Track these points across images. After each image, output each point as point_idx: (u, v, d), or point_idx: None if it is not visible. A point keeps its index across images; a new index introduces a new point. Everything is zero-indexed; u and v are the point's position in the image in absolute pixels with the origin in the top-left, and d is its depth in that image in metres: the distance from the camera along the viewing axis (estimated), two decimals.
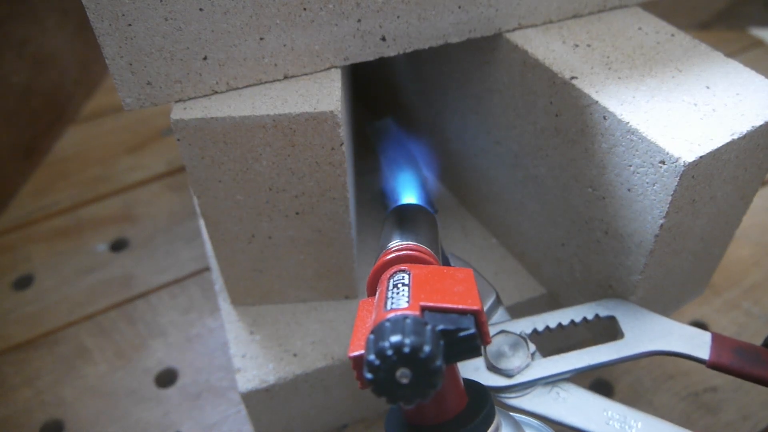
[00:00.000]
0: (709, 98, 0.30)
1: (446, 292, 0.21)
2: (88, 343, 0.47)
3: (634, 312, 0.32)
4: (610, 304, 0.33)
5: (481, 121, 0.40)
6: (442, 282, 0.22)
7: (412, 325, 0.19)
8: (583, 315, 0.33)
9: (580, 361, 0.31)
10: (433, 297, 0.21)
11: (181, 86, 0.31)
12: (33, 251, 0.55)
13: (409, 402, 0.18)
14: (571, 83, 0.31)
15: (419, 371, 0.18)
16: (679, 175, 0.27)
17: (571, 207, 0.35)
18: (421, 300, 0.21)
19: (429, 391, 0.18)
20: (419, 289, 0.22)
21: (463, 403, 0.22)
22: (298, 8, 0.30)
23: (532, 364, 0.31)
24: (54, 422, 0.43)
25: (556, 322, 0.32)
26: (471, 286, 0.22)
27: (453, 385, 0.22)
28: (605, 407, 0.29)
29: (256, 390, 0.36)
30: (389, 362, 0.18)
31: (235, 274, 0.38)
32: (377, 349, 0.18)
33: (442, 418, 0.22)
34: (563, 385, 0.31)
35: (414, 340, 0.18)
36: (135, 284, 0.52)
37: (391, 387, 0.18)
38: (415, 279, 0.23)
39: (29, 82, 0.63)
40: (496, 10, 0.34)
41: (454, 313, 0.20)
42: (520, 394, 0.30)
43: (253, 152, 0.31)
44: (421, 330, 0.18)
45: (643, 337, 0.31)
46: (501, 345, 0.32)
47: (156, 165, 0.64)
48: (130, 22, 0.29)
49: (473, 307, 0.20)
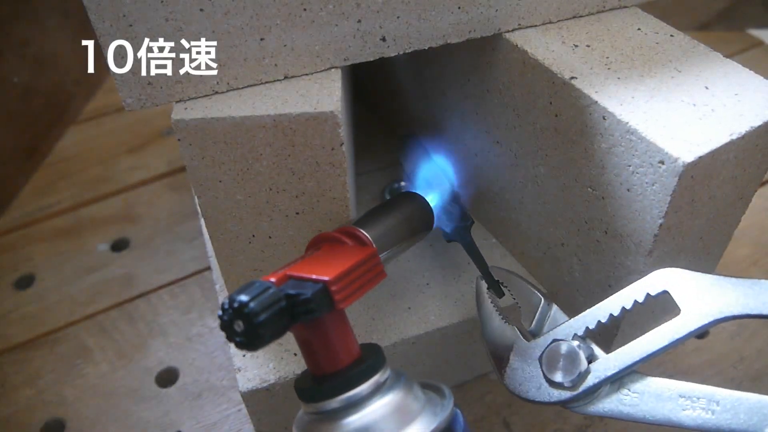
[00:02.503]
0: (708, 99, 0.30)
1: (323, 265, 0.26)
2: (89, 343, 0.47)
3: (688, 279, 0.28)
4: (659, 278, 0.29)
5: (480, 121, 0.40)
6: (330, 258, 0.27)
7: (255, 287, 0.23)
8: (633, 299, 0.29)
9: (642, 350, 0.28)
10: (305, 269, 0.25)
11: (182, 86, 0.31)
12: (34, 251, 0.55)
13: (243, 347, 0.23)
14: (570, 83, 0.31)
15: (246, 323, 0.23)
16: (678, 175, 0.27)
17: (570, 207, 0.35)
18: (293, 270, 0.25)
19: (256, 341, 0.23)
20: (306, 262, 0.27)
21: (353, 358, 0.26)
22: (299, 9, 0.30)
23: (592, 367, 0.29)
24: (55, 421, 0.43)
25: (607, 315, 0.30)
26: (347, 263, 0.26)
27: (338, 339, 0.26)
28: (680, 392, 0.27)
29: (257, 389, 0.36)
30: (228, 312, 0.23)
31: (236, 274, 0.38)
32: (224, 300, 0.23)
33: (333, 368, 0.26)
34: (630, 379, 0.29)
35: (243, 298, 0.23)
36: (136, 284, 0.52)
37: (231, 331, 0.23)
38: (314, 255, 0.28)
39: (30, 82, 0.63)
40: (496, 11, 0.34)
41: (308, 281, 0.25)
42: (587, 401, 0.29)
43: (254, 152, 0.32)
44: (259, 292, 0.23)
45: (704, 305, 0.27)
46: (555, 356, 0.30)
47: (157, 165, 0.64)
48: (131, 23, 0.29)
49: (323, 278, 0.24)
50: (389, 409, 0.25)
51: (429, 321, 0.39)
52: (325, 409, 0.25)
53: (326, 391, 0.25)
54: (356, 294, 0.26)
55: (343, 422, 0.25)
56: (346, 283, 0.25)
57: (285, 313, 0.24)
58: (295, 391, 0.27)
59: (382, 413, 0.25)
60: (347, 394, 0.25)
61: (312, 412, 0.26)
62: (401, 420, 0.25)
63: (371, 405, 0.25)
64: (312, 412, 0.26)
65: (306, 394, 0.26)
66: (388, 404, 0.25)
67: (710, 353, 0.45)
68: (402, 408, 0.26)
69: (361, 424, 0.25)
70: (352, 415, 0.25)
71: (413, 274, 0.42)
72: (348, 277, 0.25)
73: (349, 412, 0.25)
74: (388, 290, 0.41)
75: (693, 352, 0.45)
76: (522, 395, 0.30)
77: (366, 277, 0.27)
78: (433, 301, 0.40)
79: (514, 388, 0.30)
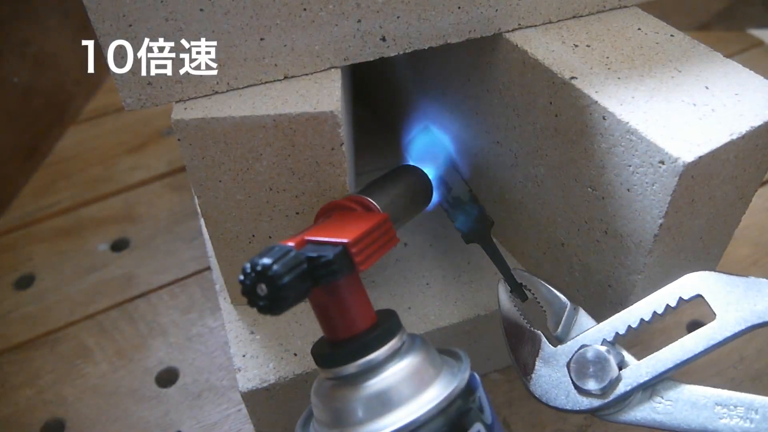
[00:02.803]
0: (708, 98, 0.30)
1: (339, 229, 0.26)
2: (89, 343, 0.47)
3: (723, 282, 0.27)
4: (692, 281, 0.28)
5: (480, 121, 0.40)
6: (345, 223, 0.27)
7: (276, 251, 0.23)
8: (665, 303, 0.28)
9: (675, 356, 0.27)
10: (322, 233, 0.26)
11: (182, 86, 0.31)
12: (34, 251, 0.55)
13: (266, 311, 0.23)
14: (570, 83, 0.31)
15: (270, 286, 0.22)
16: (678, 175, 0.27)
17: (570, 207, 0.35)
18: (311, 235, 0.26)
19: (280, 303, 0.22)
20: (320, 228, 0.27)
21: (369, 323, 0.26)
22: (298, 9, 0.30)
23: (622, 374, 0.28)
24: (55, 421, 0.43)
25: (638, 319, 0.29)
26: (363, 226, 0.26)
27: (355, 304, 0.26)
28: (716, 400, 0.26)
29: (257, 389, 0.36)
30: (250, 276, 0.23)
31: (236, 274, 0.38)
32: (245, 264, 0.23)
33: (349, 333, 0.26)
34: (663, 386, 0.28)
35: (266, 261, 0.23)
36: (136, 284, 0.52)
37: (254, 296, 0.23)
38: (328, 221, 0.29)
39: (30, 82, 0.63)
40: (496, 11, 0.34)
41: (327, 244, 0.25)
42: (618, 409, 0.28)
43: (254, 152, 0.32)
44: (281, 255, 0.23)
45: (740, 310, 0.27)
46: (583, 362, 0.29)
47: (156, 165, 0.64)
48: (131, 23, 0.29)
49: (343, 240, 0.25)
50: (407, 372, 0.26)
51: (429, 321, 0.39)
52: (343, 374, 0.25)
53: (344, 355, 0.25)
54: (374, 256, 0.26)
55: (361, 386, 0.25)
56: (364, 245, 0.25)
57: (307, 275, 0.24)
58: (313, 357, 0.27)
59: (401, 377, 0.25)
60: (365, 358, 0.25)
61: (330, 377, 0.26)
62: (419, 383, 0.25)
63: (389, 369, 0.25)
64: (330, 378, 0.26)
65: (323, 360, 0.26)
66: (406, 368, 0.26)
67: (710, 354, 0.45)
68: (420, 371, 0.26)
69: (379, 388, 0.25)
70: (371, 379, 0.25)
71: (413, 274, 0.42)
72: (365, 240, 0.26)
73: (368, 376, 0.25)
74: (388, 290, 0.41)
75: None
76: (549, 403, 0.29)
77: (381, 240, 0.27)
78: (433, 301, 0.40)
79: (541, 395, 0.30)
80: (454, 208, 0.37)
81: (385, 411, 0.25)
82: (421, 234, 0.45)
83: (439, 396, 0.25)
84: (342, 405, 0.25)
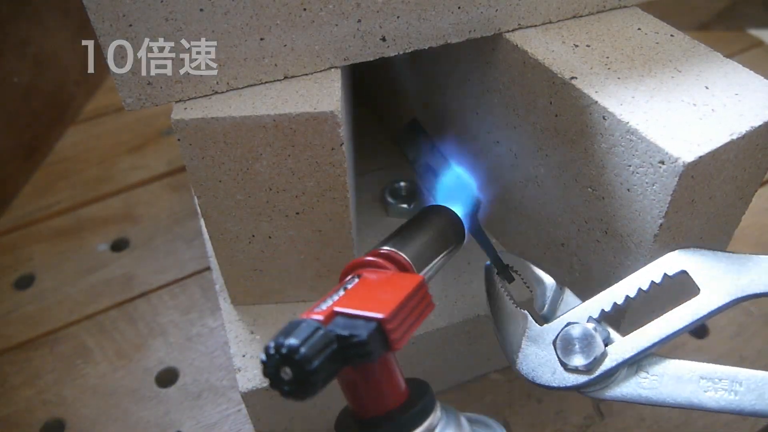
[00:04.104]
0: (708, 98, 0.30)
1: (371, 299, 0.23)
2: (88, 343, 0.47)
3: (707, 258, 0.28)
4: (676, 257, 0.28)
5: (481, 121, 0.40)
6: (378, 289, 0.24)
7: (303, 329, 0.21)
8: (650, 279, 0.28)
9: (660, 331, 0.27)
10: (353, 303, 0.23)
11: (182, 86, 0.31)
12: (34, 251, 0.55)
13: (291, 396, 0.20)
14: (570, 83, 0.31)
15: (296, 370, 0.20)
16: (678, 175, 0.27)
17: (570, 207, 0.35)
18: (340, 305, 0.23)
19: (308, 389, 0.20)
20: (351, 295, 0.24)
21: (402, 398, 0.24)
22: (298, 9, 0.30)
23: (608, 350, 0.28)
24: (55, 421, 0.43)
25: (623, 296, 0.29)
26: (399, 295, 0.23)
27: (387, 380, 0.24)
28: (701, 374, 0.26)
29: (257, 389, 0.36)
30: (274, 359, 0.20)
31: (236, 274, 0.38)
32: (268, 345, 0.20)
33: (382, 411, 0.23)
34: (649, 362, 0.28)
35: (293, 343, 0.20)
36: (135, 284, 0.52)
37: (278, 379, 0.20)
38: (358, 284, 0.25)
39: (30, 82, 0.63)
40: (496, 11, 0.34)
41: (360, 319, 0.22)
42: (604, 385, 0.28)
43: (254, 152, 0.32)
44: (308, 335, 0.20)
45: (724, 284, 0.27)
46: (569, 339, 0.29)
47: (156, 165, 0.64)
48: (131, 23, 0.29)
49: (377, 315, 0.22)
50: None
51: (429, 321, 0.39)
52: None
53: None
54: (410, 331, 0.23)
55: None
56: (400, 319, 0.22)
57: (338, 356, 0.21)
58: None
59: None
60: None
61: None
62: None
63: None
64: None
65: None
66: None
67: (710, 353, 0.45)
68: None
69: None
70: None
71: None
72: (401, 313, 0.23)
73: None
74: None
75: (693, 352, 0.45)
76: (536, 381, 0.29)
77: (418, 309, 0.24)
78: (433, 301, 0.40)
79: (528, 373, 0.30)
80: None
81: None
82: None
83: None
84: None
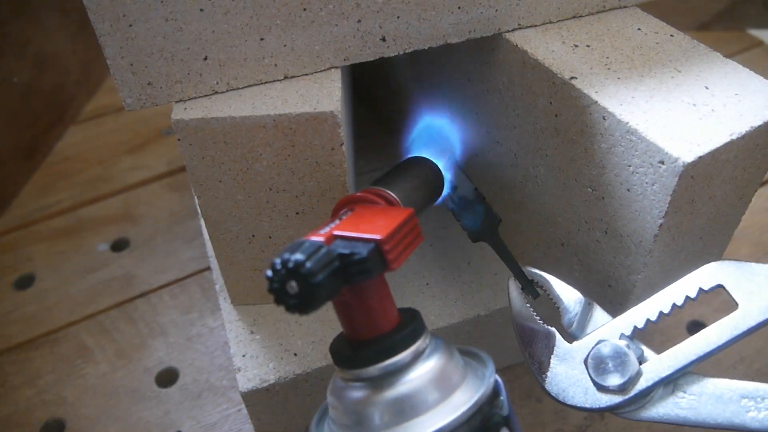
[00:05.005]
0: (708, 99, 0.30)
1: (367, 224, 0.25)
2: (89, 343, 0.47)
3: (744, 271, 0.26)
4: (712, 270, 0.27)
5: (481, 121, 0.40)
6: (372, 217, 0.26)
7: (307, 246, 0.22)
8: (684, 294, 0.27)
9: (698, 349, 0.26)
10: (351, 228, 0.24)
11: (182, 86, 0.31)
12: (34, 251, 0.55)
13: (296, 310, 0.21)
14: (570, 83, 0.31)
15: (301, 284, 0.21)
16: (678, 175, 0.27)
17: (570, 207, 0.35)
18: (339, 230, 0.24)
19: (311, 302, 0.21)
20: (347, 223, 0.26)
21: (393, 323, 0.25)
22: (298, 9, 0.30)
23: (642, 369, 0.27)
24: (55, 421, 0.43)
25: (657, 312, 0.27)
26: (393, 222, 0.25)
27: (381, 304, 0.25)
28: (742, 393, 0.25)
29: (257, 389, 0.36)
30: (280, 273, 0.21)
31: (236, 274, 0.38)
32: (275, 261, 0.21)
33: (373, 333, 0.25)
34: (686, 381, 0.26)
35: (299, 257, 0.21)
36: (136, 284, 0.52)
37: (283, 293, 0.21)
38: (352, 215, 0.27)
39: (30, 82, 0.63)
40: (496, 11, 0.34)
41: (359, 240, 0.23)
42: (639, 405, 0.27)
43: (254, 152, 0.32)
44: (313, 251, 0.22)
45: (764, 298, 0.26)
46: (602, 358, 0.27)
47: (156, 165, 0.64)
48: (131, 23, 0.29)
49: (375, 236, 0.23)
50: (432, 376, 0.24)
51: (429, 321, 0.39)
52: (366, 376, 0.24)
53: (367, 357, 0.24)
54: (404, 253, 0.24)
55: (386, 390, 0.24)
56: (396, 241, 0.24)
57: (339, 273, 0.22)
58: (332, 356, 0.26)
59: (426, 380, 0.24)
60: (388, 361, 0.24)
61: (349, 378, 0.25)
62: (445, 387, 0.24)
63: (414, 372, 0.24)
64: (349, 379, 0.25)
65: (344, 360, 0.25)
66: (431, 371, 0.24)
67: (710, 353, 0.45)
68: (445, 375, 0.25)
69: (404, 392, 0.24)
70: (393, 383, 0.24)
71: (413, 274, 0.42)
72: (397, 236, 0.24)
73: (390, 380, 0.24)
74: None
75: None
76: (567, 402, 0.28)
77: (410, 237, 0.25)
78: (433, 301, 0.40)
79: (558, 394, 0.28)
80: (460, 207, 0.36)
81: (411, 416, 0.24)
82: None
83: (466, 402, 0.24)
84: (364, 409, 0.24)
